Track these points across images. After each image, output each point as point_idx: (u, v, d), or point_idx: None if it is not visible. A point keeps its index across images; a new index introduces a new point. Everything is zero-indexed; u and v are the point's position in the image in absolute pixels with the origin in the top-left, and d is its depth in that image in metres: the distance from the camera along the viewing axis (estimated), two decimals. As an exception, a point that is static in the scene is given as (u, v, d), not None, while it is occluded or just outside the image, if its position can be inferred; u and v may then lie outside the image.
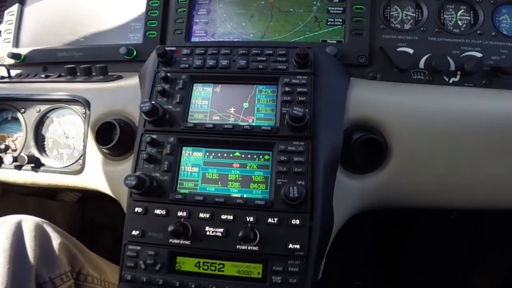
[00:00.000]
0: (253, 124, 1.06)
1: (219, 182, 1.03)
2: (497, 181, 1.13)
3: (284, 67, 1.10)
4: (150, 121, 1.06)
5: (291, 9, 1.34)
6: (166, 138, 1.06)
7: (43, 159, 1.29)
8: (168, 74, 1.12)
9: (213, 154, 1.05)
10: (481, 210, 1.24)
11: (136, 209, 1.02)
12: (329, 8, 1.31)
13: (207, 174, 1.04)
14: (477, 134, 1.10)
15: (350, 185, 1.11)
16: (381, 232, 2.08)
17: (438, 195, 1.15)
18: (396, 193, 1.14)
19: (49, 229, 1.16)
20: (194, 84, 1.12)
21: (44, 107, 1.29)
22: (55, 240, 1.15)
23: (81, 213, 1.99)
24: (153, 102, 1.03)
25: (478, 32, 1.24)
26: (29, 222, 1.13)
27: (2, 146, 1.33)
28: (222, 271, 0.98)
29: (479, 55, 1.22)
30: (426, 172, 1.12)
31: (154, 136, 1.06)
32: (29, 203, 1.73)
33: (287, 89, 1.07)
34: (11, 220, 1.12)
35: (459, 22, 1.27)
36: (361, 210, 1.15)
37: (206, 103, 1.10)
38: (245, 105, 1.09)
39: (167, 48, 1.14)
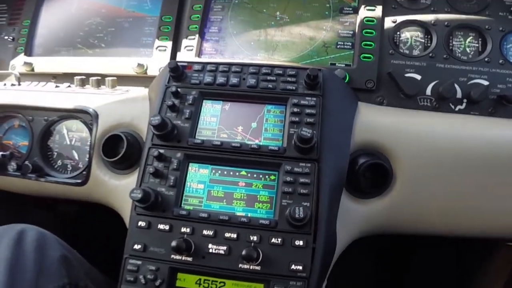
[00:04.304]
0: (261, 143, 1.06)
1: (224, 200, 1.03)
2: (499, 210, 1.13)
3: (294, 88, 1.11)
4: (158, 135, 1.06)
5: (300, 32, 1.35)
6: (173, 153, 1.06)
7: (47, 169, 1.28)
8: (179, 89, 1.12)
9: (219, 171, 1.05)
10: (484, 239, 1.23)
11: (140, 223, 1.01)
12: (340, 31, 1.33)
13: (212, 191, 1.04)
14: (481, 163, 1.10)
15: (354, 209, 1.11)
16: (382, 262, 2.07)
17: (440, 222, 1.15)
18: (399, 219, 1.14)
19: (50, 240, 1.16)
20: (204, 101, 1.13)
21: (51, 117, 1.30)
22: (56, 252, 1.14)
23: (79, 225, 1.97)
24: (162, 116, 1.04)
25: (486, 59, 1.25)
26: (31, 232, 1.12)
27: (7, 153, 1.32)
28: (223, 289, 0.97)
29: (485, 83, 1.23)
30: (430, 199, 1.12)
31: (162, 151, 1.06)
32: (28, 212, 1.72)
33: (295, 110, 1.07)
34: (13, 229, 1.11)
35: (467, 49, 1.28)
36: (364, 235, 1.15)
37: (215, 120, 1.11)
38: (254, 125, 1.09)
39: (179, 63, 1.15)
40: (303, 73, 1.11)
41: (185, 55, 1.39)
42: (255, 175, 1.04)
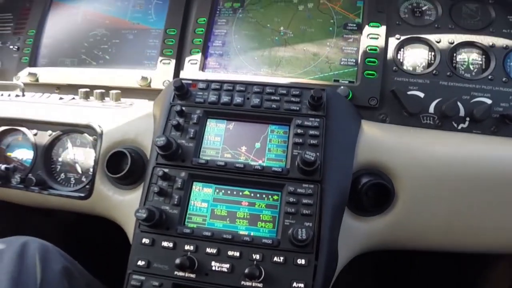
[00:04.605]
0: (264, 164, 1.07)
1: (227, 219, 1.04)
2: (501, 228, 1.13)
3: (297, 108, 1.11)
4: (163, 155, 1.07)
5: (304, 48, 1.36)
6: (177, 172, 1.07)
7: (50, 182, 1.29)
8: (183, 108, 1.13)
9: (223, 191, 1.06)
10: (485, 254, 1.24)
11: (144, 240, 1.03)
12: (343, 47, 1.34)
13: (215, 210, 1.05)
14: (483, 182, 1.11)
15: (356, 227, 1.12)
16: (383, 273, 2.07)
17: (442, 238, 1.16)
18: (400, 236, 1.15)
19: (53, 253, 1.17)
20: (208, 120, 1.14)
21: (56, 131, 1.30)
22: (58, 264, 1.16)
23: (81, 235, 1.97)
24: (167, 137, 1.04)
25: (489, 77, 1.25)
26: (34, 245, 1.13)
27: (11, 166, 1.32)
28: (225, 306, 0.98)
29: (489, 101, 1.23)
30: (431, 216, 1.12)
31: (166, 170, 1.07)
32: (29, 220, 1.73)
33: (299, 131, 1.08)
34: (16, 241, 1.12)
35: (471, 67, 1.28)
36: (365, 251, 1.16)
37: (219, 139, 1.11)
38: (257, 145, 1.10)
39: (183, 81, 1.15)
40: (307, 93, 1.12)
41: (189, 69, 1.40)
42: (258, 195, 1.05)
